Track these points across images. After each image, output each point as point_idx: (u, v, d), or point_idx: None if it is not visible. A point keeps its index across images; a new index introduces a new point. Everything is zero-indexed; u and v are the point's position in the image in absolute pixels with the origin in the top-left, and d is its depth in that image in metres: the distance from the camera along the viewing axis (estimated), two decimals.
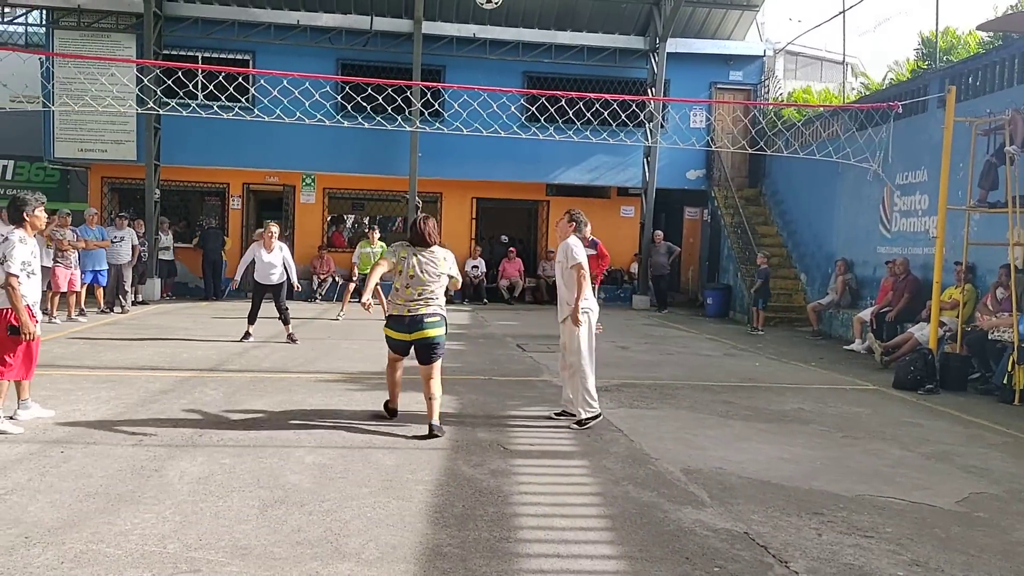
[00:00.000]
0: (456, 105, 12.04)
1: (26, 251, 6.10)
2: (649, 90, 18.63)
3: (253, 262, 11.25)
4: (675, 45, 18.94)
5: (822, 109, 16.26)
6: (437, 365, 6.40)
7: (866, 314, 12.68)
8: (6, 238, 6.08)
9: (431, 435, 6.23)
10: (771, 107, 18.57)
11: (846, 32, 26.16)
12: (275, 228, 11.37)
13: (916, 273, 12.15)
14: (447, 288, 6.57)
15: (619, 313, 17.73)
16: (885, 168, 12.68)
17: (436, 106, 16.84)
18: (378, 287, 7.51)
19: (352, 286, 14.66)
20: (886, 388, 9.43)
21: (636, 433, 6.65)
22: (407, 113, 16.07)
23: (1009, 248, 9.43)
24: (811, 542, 4.35)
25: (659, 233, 19.00)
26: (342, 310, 14.69)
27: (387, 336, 6.54)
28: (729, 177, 19.06)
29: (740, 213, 17.87)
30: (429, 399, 6.39)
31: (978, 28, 11.47)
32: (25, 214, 6.21)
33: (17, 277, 5.95)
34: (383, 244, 14.43)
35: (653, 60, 18.71)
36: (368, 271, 6.95)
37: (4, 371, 6.06)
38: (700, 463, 5.83)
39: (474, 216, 20.48)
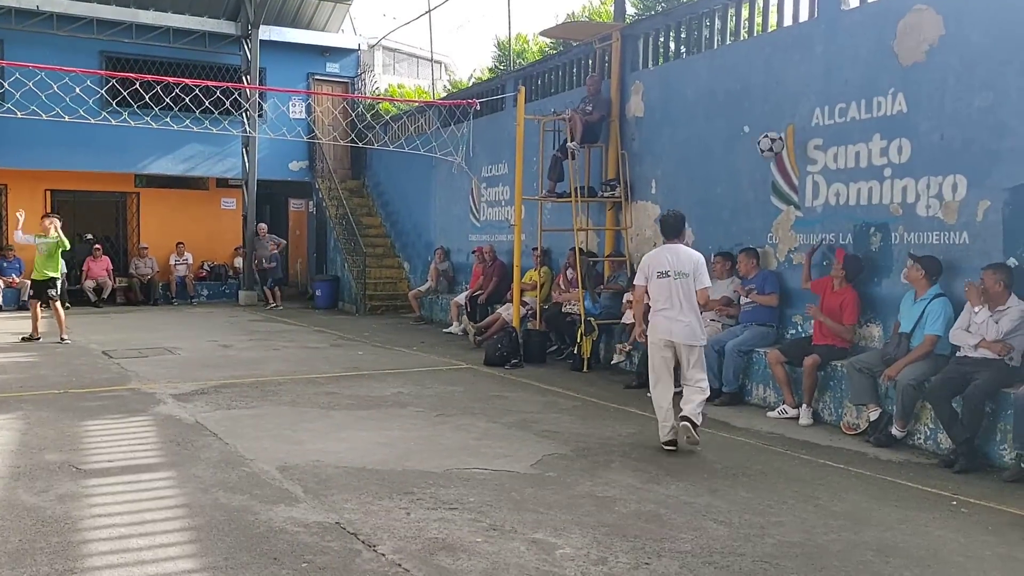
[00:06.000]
0: (7, 85, 10.56)
1: None
2: (244, 78, 17.99)
3: None
4: (269, 33, 18.47)
5: (410, 105, 16.96)
6: None
7: (461, 298, 13.53)
8: None
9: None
10: (363, 100, 18.95)
11: (433, 31, 27.67)
12: None
13: (502, 258, 13.23)
14: None
15: (224, 310, 16.99)
16: (470, 162, 13.61)
17: None
18: None
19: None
20: (478, 366, 10.14)
21: (232, 435, 6.37)
22: None
23: (574, 233, 10.63)
24: (400, 522, 4.50)
25: (263, 225, 18.49)
26: None
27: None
28: (332, 169, 19.10)
29: (344, 205, 18.02)
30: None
31: (540, 34, 12.77)
32: None
33: None
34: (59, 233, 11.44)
35: (246, 47, 18.09)
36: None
37: None
38: (297, 458, 5.75)
39: (49, 211, 18.17)
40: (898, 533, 4.56)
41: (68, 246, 11.84)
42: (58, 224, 11.65)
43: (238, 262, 19.45)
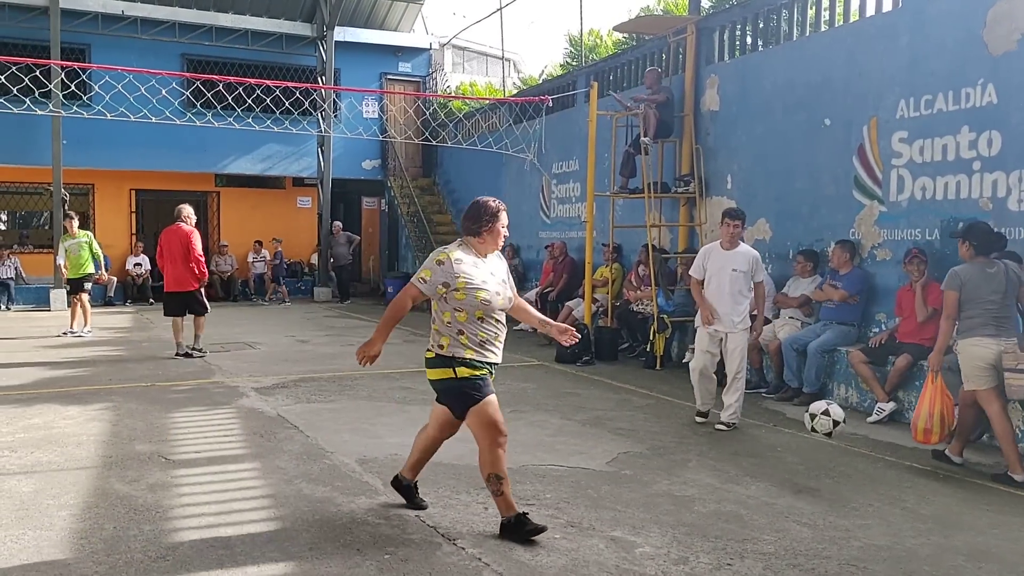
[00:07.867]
0: (97, 88, 10.96)
1: None
2: (319, 78, 18.34)
3: None
4: (343, 34, 18.81)
5: (481, 103, 17.03)
6: None
7: (531, 295, 13.52)
8: None
9: None
10: (436, 99, 19.12)
11: (504, 29, 27.89)
12: None
13: (573, 255, 13.17)
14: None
15: (300, 306, 17.35)
16: (541, 158, 13.60)
17: (75, 88, 15.18)
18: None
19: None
20: (550, 363, 10.14)
21: (312, 428, 6.51)
22: (37, 95, 14.22)
23: (647, 230, 10.54)
24: (478, 516, 4.53)
25: (338, 224, 18.84)
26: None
27: None
28: (404, 167, 19.35)
29: (416, 202, 18.23)
30: None
31: (614, 29, 12.68)
32: None
33: None
34: (88, 234, 12.74)
35: (321, 48, 18.44)
36: None
37: None
38: (376, 452, 5.84)
39: (133, 209, 18.90)
40: (990, 538, 4.41)
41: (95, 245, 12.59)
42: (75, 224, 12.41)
43: (314, 259, 19.85)
